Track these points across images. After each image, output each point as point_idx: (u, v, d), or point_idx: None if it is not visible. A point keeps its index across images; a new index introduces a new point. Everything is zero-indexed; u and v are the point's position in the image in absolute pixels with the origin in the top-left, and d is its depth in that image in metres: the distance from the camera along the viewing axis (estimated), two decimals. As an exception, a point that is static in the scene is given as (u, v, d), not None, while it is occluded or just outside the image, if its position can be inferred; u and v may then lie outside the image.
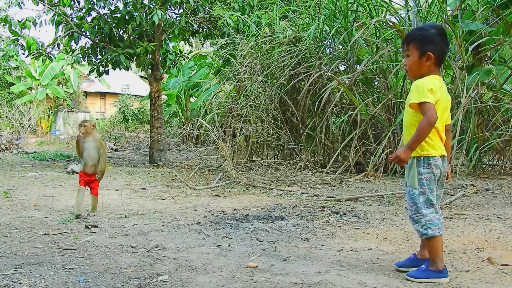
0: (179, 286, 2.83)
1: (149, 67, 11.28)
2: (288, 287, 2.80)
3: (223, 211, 5.21)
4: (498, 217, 4.71)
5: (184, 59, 14.12)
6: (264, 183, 7.47)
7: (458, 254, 3.52)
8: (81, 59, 11.34)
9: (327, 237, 4.05)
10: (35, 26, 10.37)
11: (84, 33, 10.61)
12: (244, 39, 9.89)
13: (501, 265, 3.21)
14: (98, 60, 11.05)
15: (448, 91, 8.98)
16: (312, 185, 7.38)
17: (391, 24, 9.14)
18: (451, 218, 4.71)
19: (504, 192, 6.22)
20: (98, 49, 10.97)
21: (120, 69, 10.72)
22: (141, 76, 17.72)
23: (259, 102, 9.14)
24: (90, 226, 4.38)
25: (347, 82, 9.10)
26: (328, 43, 10.26)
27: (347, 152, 8.88)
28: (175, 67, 14.94)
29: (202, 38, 12.41)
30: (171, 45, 13.26)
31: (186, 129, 9.80)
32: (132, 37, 10.77)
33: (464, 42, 8.74)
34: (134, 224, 4.55)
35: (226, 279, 2.95)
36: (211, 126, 8.57)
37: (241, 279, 2.95)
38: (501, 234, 4.02)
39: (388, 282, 2.88)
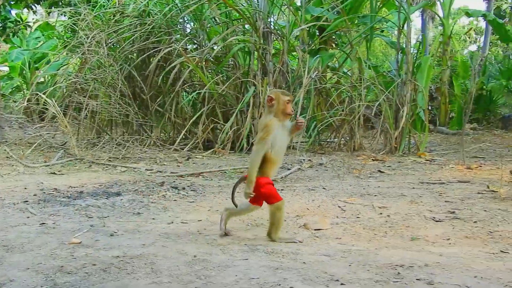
0: (-13, 267, 2.64)
1: (-18, 33, 10.18)
2: (109, 261, 2.77)
3: (56, 188, 4.95)
4: (323, 188, 5.14)
5: (26, 28, 12.95)
6: (109, 160, 7.23)
7: (279, 221, 3.77)
8: None
9: (160, 211, 4.08)
10: None
11: None
12: (90, 9, 9.37)
13: (315, 229, 3.53)
14: None
15: (292, 72, 9.54)
16: (158, 161, 7.33)
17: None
18: (282, 190, 5.02)
19: (334, 166, 6.81)
20: None
21: None
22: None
23: (105, 76, 8.76)
24: None
25: (197, 59, 9.13)
26: (180, 20, 10.16)
27: (197, 129, 8.95)
28: (16, 36, 13.68)
29: (48, 7, 11.52)
30: (13, 12, 12.08)
31: (24, 104, 9.04)
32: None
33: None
34: None
35: (43, 257, 2.83)
36: (52, 100, 8.00)
37: (60, 256, 2.85)
38: (322, 203, 4.40)
39: (209, 250, 3.00)
